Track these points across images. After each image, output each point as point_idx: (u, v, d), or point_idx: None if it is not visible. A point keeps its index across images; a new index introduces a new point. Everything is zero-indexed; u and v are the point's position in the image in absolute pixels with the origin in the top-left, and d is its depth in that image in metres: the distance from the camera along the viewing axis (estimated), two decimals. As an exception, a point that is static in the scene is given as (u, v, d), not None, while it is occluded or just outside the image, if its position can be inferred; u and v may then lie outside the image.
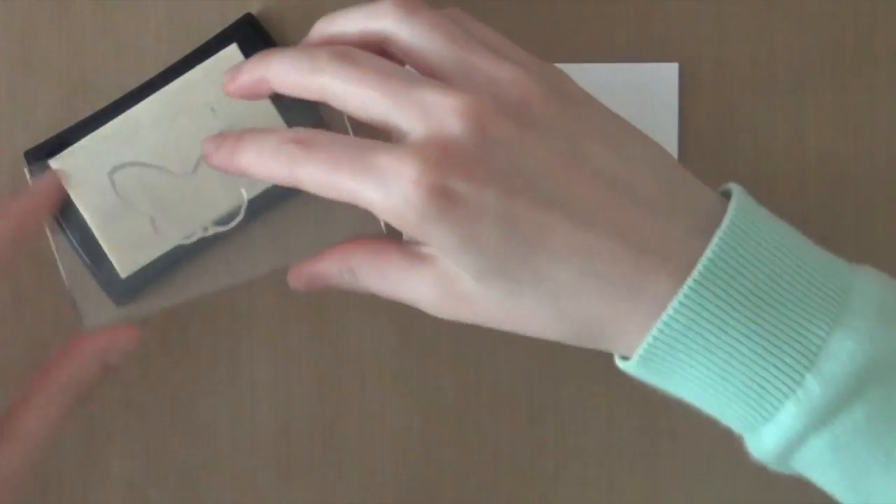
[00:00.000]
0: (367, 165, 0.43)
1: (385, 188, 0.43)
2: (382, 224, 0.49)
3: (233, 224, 0.51)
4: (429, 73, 0.45)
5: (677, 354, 0.44)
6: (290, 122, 0.51)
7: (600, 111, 0.46)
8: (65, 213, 0.52)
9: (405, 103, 0.44)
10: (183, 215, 0.51)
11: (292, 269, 0.50)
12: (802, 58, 0.55)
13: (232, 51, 0.53)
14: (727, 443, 0.50)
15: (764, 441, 0.45)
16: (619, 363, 0.46)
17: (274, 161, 0.45)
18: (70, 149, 0.52)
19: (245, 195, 0.51)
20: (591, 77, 0.48)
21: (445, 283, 0.46)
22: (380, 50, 0.46)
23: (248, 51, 0.53)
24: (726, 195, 0.46)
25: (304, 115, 0.51)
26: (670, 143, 0.54)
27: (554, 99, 0.45)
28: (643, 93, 0.54)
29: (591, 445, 0.55)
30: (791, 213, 0.47)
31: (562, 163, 0.44)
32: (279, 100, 0.52)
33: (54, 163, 0.52)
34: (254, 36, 0.54)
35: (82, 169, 0.52)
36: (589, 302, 0.44)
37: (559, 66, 0.47)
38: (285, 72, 0.46)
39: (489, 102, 0.44)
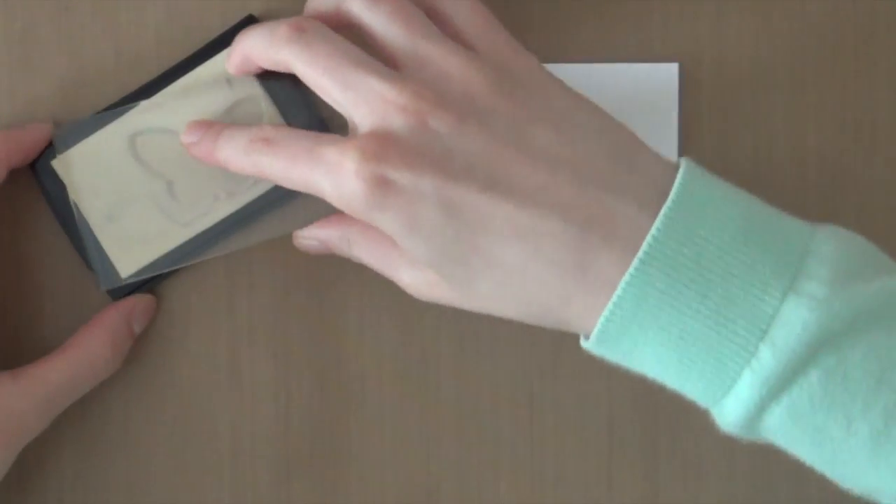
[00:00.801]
0: (318, 159, 0.46)
1: (333, 179, 0.45)
2: None
3: (244, 190, 0.52)
4: (387, 59, 0.47)
5: (631, 333, 0.44)
6: (284, 110, 0.52)
7: (554, 94, 0.47)
8: (65, 213, 0.52)
9: (352, 95, 0.46)
10: (198, 179, 0.52)
11: (300, 230, 0.52)
12: (802, 58, 0.55)
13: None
14: (727, 443, 0.50)
15: (727, 413, 0.45)
16: (583, 342, 0.47)
17: (246, 158, 0.48)
18: (70, 150, 0.52)
19: None
20: (591, 77, 0.48)
21: (418, 267, 0.48)
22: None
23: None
24: None
25: (299, 106, 0.52)
26: (670, 143, 0.54)
27: (500, 89, 0.46)
28: (643, 93, 0.54)
29: (591, 445, 0.55)
30: (791, 214, 0.47)
31: (502, 147, 0.45)
32: (277, 97, 0.52)
33: (56, 163, 0.52)
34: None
35: (82, 167, 0.52)
36: (539, 283, 0.45)
37: (564, 65, 0.46)
38: (254, 47, 0.49)
39: (431, 98, 0.45)
